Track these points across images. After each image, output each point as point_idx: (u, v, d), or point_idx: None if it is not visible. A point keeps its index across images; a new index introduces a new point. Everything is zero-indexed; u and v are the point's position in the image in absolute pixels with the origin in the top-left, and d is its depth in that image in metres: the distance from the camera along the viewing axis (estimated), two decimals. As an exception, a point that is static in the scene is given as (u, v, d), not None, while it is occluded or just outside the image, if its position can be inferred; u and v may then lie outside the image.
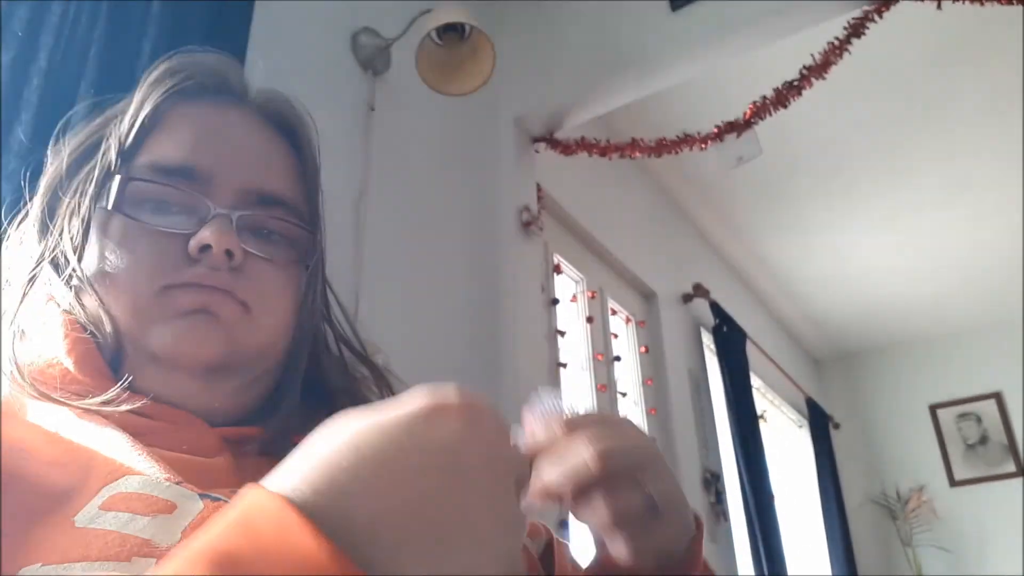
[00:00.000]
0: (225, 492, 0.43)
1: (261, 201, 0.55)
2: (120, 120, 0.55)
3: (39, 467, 0.41)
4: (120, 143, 0.54)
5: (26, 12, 1.09)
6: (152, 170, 0.53)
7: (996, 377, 4.82)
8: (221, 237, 0.50)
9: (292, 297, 0.57)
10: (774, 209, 3.95)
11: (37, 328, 0.51)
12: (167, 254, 0.51)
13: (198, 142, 0.54)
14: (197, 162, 0.53)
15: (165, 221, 0.52)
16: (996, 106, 3.27)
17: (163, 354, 0.50)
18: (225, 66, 0.60)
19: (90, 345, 0.50)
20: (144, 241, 0.51)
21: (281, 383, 0.57)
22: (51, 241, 0.53)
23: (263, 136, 0.59)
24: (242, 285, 0.52)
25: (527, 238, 2.33)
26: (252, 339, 0.53)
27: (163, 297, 0.50)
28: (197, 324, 0.50)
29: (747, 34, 2.21)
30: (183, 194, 0.52)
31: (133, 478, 0.40)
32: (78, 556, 0.35)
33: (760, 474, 3.35)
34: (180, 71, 0.57)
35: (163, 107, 0.55)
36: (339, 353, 0.63)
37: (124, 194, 0.52)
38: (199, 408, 0.51)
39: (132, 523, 0.37)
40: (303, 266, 0.58)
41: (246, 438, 0.52)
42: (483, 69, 1.85)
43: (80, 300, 0.51)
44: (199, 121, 0.56)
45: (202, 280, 0.50)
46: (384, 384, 0.64)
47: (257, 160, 0.57)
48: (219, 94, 0.59)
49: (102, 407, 0.46)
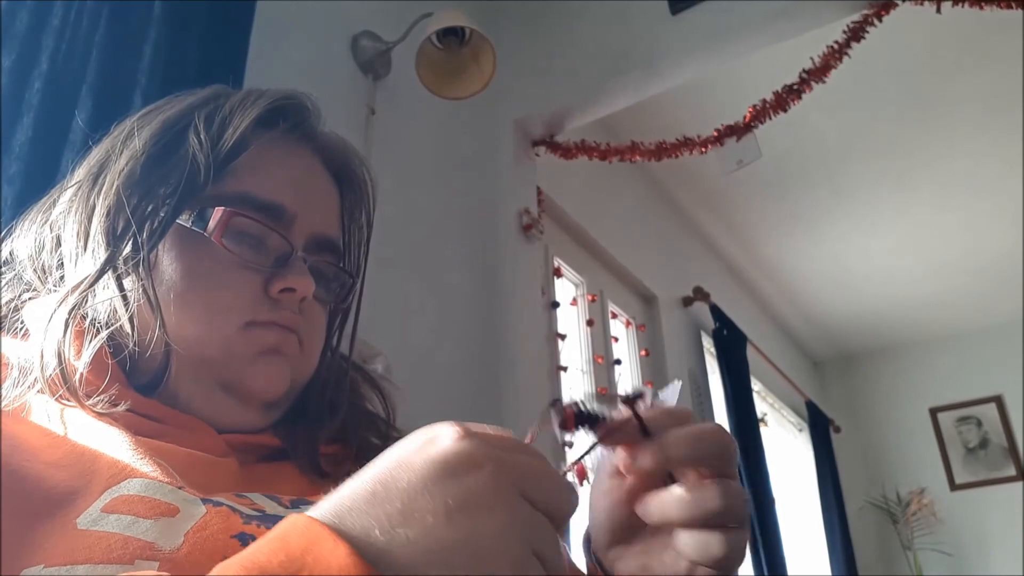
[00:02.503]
0: (228, 495, 0.43)
1: (322, 246, 0.59)
2: (203, 127, 0.54)
3: (42, 468, 0.41)
4: (211, 162, 0.53)
5: (27, 15, 1.09)
6: (243, 201, 0.54)
7: (996, 380, 4.83)
8: (305, 283, 0.54)
9: (324, 329, 0.61)
10: (774, 212, 3.96)
11: (44, 327, 0.50)
12: (251, 290, 0.53)
13: (288, 184, 0.57)
14: (286, 203, 0.56)
15: (251, 256, 0.54)
16: (995, 109, 3.27)
17: (244, 388, 0.52)
18: (312, 105, 0.62)
19: (103, 348, 0.49)
20: (232, 272, 0.53)
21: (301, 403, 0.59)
22: (124, 244, 0.51)
23: (330, 183, 0.62)
24: (302, 324, 0.56)
25: (527, 241, 2.33)
26: (301, 374, 0.57)
27: (246, 332, 0.52)
28: (274, 364, 0.54)
29: (747, 38, 2.22)
30: (267, 231, 0.54)
31: (136, 481, 0.40)
32: (81, 558, 0.35)
33: (760, 477, 3.35)
34: (273, 104, 0.58)
35: (248, 132, 0.55)
36: (339, 362, 0.64)
37: (226, 224, 0.53)
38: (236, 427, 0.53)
39: (135, 526, 0.37)
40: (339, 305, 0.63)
41: (251, 445, 0.53)
42: (483, 73, 1.85)
43: (139, 314, 0.50)
44: (288, 162, 0.58)
45: (280, 320, 0.54)
46: (376, 390, 0.66)
47: (325, 206, 0.60)
48: (301, 132, 0.60)
49: (108, 408, 0.46)
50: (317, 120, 0.62)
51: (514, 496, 0.33)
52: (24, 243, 0.56)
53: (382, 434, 0.62)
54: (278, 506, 0.45)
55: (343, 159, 0.64)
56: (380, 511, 0.31)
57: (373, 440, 0.61)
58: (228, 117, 0.55)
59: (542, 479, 0.35)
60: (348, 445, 0.59)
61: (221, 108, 0.56)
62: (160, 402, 0.50)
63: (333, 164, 0.63)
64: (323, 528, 0.30)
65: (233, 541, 0.38)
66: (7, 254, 0.57)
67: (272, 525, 0.40)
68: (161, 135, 0.55)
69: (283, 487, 0.50)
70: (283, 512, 0.44)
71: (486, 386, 2.02)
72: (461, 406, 1.91)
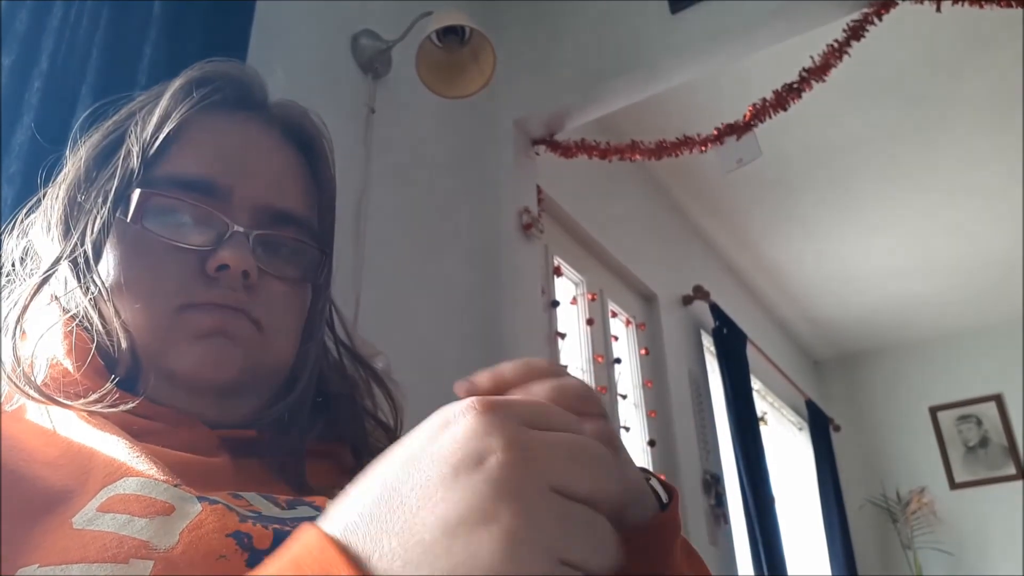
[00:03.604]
0: (223, 495, 0.43)
1: (276, 219, 0.55)
2: (141, 124, 0.55)
3: (37, 467, 0.41)
4: (142, 151, 0.53)
5: (27, 15, 1.09)
6: (172, 183, 0.53)
7: (996, 379, 4.82)
8: (240, 258, 0.51)
9: (300, 313, 0.57)
10: (774, 211, 3.96)
11: (38, 328, 0.51)
12: (185, 271, 0.51)
13: (218, 157, 0.55)
14: (216, 177, 0.54)
15: (183, 236, 0.52)
16: (996, 108, 3.27)
17: (181, 375, 0.50)
18: (248, 77, 0.60)
19: (90, 347, 0.50)
20: (162, 256, 0.51)
21: (286, 395, 0.56)
22: (71, 243, 0.52)
23: (280, 151, 0.59)
24: (255, 303, 0.52)
25: (527, 240, 2.33)
26: (265, 358, 0.54)
27: (181, 316, 0.50)
28: (215, 347, 0.51)
29: (747, 37, 2.22)
30: (200, 209, 0.52)
31: (131, 480, 0.40)
32: (76, 557, 0.35)
33: (760, 476, 3.35)
34: (205, 83, 0.57)
35: (174, 112, 0.55)
36: (338, 357, 0.63)
37: (144, 206, 0.52)
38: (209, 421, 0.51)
39: (130, 525, 0.37)
40: (310, 282, 0.58)
41: (244, 440, 0.52)
42: (483, 72, 1.85)
43: (97, 308, 0.50)
44: (220, 135, 0.56)
45: (220, 300, 0.51)
46: (382, 387, 0.64)
47: (274, 177, 0.57)
48: (240, 106, 0.59)
49: (100, 407, 0.46)
50: (261, 91, 0.60)
51: (535, 493, 0.28)
52: (9, 247, 0.57)
53: (387, 436, 0.61)
54: (274, 507, 0.45)
55: (297, 124, 0.61)
56: (382, 530, 0.28)
57: (371, 441, 0.60)
58: (160, 106, 0.55)
59: (576, 460, 0.30)
60: (343, 443, 0.58)
61: (157, 99, 0.56)
62: (147, 399, 0.49)
63: (291, 133, 0.60)
64: (337, 554, 0.28)
65: (228, 540, 0.38)
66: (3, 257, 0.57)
67: (268, 525, 0.40)
68: (103, 136, 0.56)
69: (278, 487, 0.50)
70: (279, 513, 0.44)
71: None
72: (460, 405, 1.90)
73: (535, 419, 0.31)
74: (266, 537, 0.39)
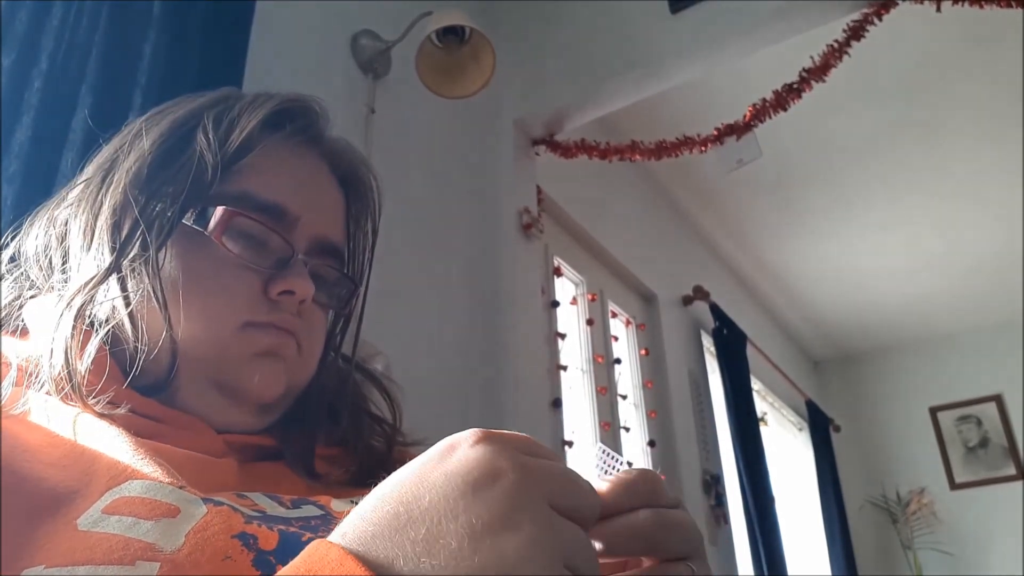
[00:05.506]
0: (228, 495, 0.43)
1: (326, 250, 0.59)
2: (213, 131, 0.54)
3: (41, 468, 0.41)
4: (216, 158, 0.53)
5: (27, 15, 1.09)
6: (246, 202, 0.54)
7: (996, 379, 4.83)
8: (304, 285, 0.54)
9: (324, 336, 0.60)
10: (774, 211, 3.96)
11: (45, 326, 0.50)
12: (251, 290, 0.53)
13: (290, 185, 0.57)
14: (288, 205, 0.56)
15: (253, 257, 0.54)
16: (997, 108, 3.28)
17: (235, 389, 0.52)
18: (323, 112, 0.62)
19: (104, 350, 0.49)
20: (234, 272, 0.53)
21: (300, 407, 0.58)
22: (131, 245, 0.51)
23: (333, 186, 0.62)
24: (301, 327, 0.55)
25: (527, 240, 2.33)
26: (299, 379, 0.57)
27: (243, 333, 0.52)
28: (268, 366, 0.53)
29: (747, 37, 2.22)
30: (268, 232, 0.54)
31: (136, 482, 0.40)
32: (82, 559, 0.35)
33: (760, 476, 3.35)
34: (291, 115, 0.59)
35: (255, 133, 0.55)
36: (337, 361, 0.64)
37: (227, 223, 0.53)
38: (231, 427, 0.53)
39: (135, 527, 0.37)
40: (336, 311, 0.62)
41: (249, 445, 0.53)
42: (483, 72, 1.85)
43: (139, 310, 0.50)
44: (293, 165, 0.58)
45: (278, 322, 0.54)
46: (381, 388, 0.66)
47: (330, 210, 0.60)
48: (311, 138, 0.61)
49: (107, 408, 0.46)
50: (325, 124, 0.62)
51: (541, 506, 0.32)
52: (31, 241, 0.56)
53: (387, 437, 0.62)
54: (279, 506, 0.45)
55: (350, 165, 0.64)
56: (404, 538, 0.30)
57: (377, 444, 0.61)
58: (236, 118, 0.55)
59: (567, 483, 0.34)
60: (350, 448, 0.59)
61: (230, 109, 0.56)
62: (158, 402, 0.49)
63: (339, 169, 0.63)
64: (356, 564, 0.29)
65: (234, 541, 0.38)
66: (16, 251, 0.57)
67: (273, 526, 0.40)
68: (170, 134, 0.55)
69: (283, 486, 0.50)
70: (284, 512, 0.44)
71: (486, 385, 2.02)
72: (461, 405, 1.91)
73: (528, 449, 0.35)
74: (271, 538, 0.39)
